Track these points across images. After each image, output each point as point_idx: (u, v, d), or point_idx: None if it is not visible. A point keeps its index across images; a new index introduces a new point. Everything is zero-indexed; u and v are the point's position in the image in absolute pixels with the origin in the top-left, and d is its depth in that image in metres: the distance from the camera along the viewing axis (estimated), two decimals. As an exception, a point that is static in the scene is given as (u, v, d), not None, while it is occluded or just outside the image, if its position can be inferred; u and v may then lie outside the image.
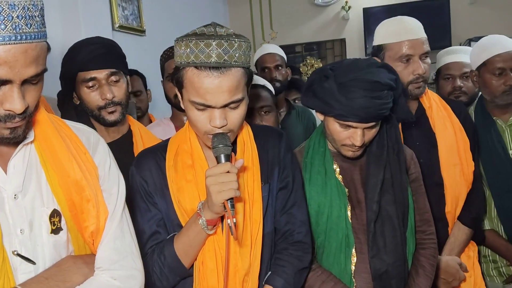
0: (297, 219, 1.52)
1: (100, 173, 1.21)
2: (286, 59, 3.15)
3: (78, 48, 1.83)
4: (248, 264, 1.40)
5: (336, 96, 1.52)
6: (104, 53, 1.82)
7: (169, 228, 1.45)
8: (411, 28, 1.93)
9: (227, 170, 1.28)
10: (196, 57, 1.27)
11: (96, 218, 1.17)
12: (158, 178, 1.45)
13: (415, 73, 1.91)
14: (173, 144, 1.50)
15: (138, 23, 3.73)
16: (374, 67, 1.55)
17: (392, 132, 1.68)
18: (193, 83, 1.30)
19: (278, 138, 1.54)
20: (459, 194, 2.02)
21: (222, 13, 6.16)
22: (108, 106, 1.80)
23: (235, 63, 1.29)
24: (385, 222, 1.63)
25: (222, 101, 1.30)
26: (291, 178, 1.52)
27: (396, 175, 1.66)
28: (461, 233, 2.04)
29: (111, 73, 1.81)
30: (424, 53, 1.93)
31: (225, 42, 1.27)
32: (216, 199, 1.26)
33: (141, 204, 1.46)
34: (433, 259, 1.73)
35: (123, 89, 1.85)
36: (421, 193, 1.78)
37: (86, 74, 1.78)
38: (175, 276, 1.42)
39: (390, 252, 1.61)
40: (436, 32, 5.52)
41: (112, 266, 1.18)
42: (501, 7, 5.46)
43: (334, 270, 1.64)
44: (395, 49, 1.93)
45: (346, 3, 6.05)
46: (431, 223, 1.78)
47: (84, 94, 1.81)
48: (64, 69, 1.86)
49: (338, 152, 1.67)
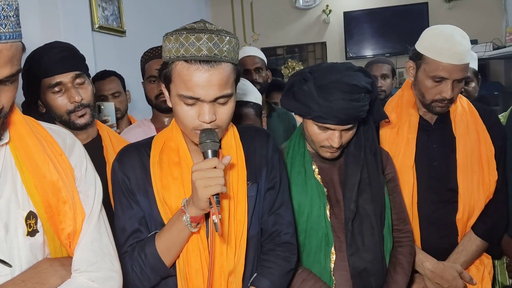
0: (285, 219, 1.52)
1: (76, 174, 1.20)
2: (266, 62, 3.16)
3: (39, 55, 1.79)
4: (233, 265, 1.40)
5: (314, 99, 1.54)
6: (66, 56, 1.78)
7: (151, 227, 1.43)
8: (457, 53, 1.80)
9: (214, 165, 1.26)
10: (186, 51, 1.26)
11: (73, 220, 1.17)
12: (141, 175, 1.43)
13: (442, 95, 1.85)
14: (159, 141, 1.48)
15: (119, 23, 3.70)
16: (352, 70, 1.59)
17: (369, 133, 1.71)
18: (183, 76, 1.28)
19: (266, 138, 1.54)
20: (475, 202, 1.93)
21: (204, 15, 6.15)
22: (77, 109, 1.78)
23: (225, 58, 1.29)
24: (363, 220, 1.66)
25: (212, 95, 1.28)
26: (278, 178, 1.52)
27: (373, 175, 1.69)
28: (471, 243, 1.94)
29: (76, 76, 1.78)
30: (460, 78, 1.86)
31: (215, 37, 1.27)
32: (202, 194, 1.24)
33: (123, 201, 1.43)
34: (410, 257, 1.77)
35: (89, 91, 1.83)
36: (398, 193, 1.82)
37: (51, 80, 1.75)
38: (155, 275, 1.40)
39: (368, 250, 1.64)
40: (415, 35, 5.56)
41: (90, 268, 1.17)
42: (478, 12, 5.56)
43: (315, 269, 1.66)
44: (432, 66, 1.84)
45: (327, 7, 6.10)
46: (408, 221, 1.82)
47: (51, 100, 1.77)
48: (27, 78, 1.81)
49: (317, 153, 1.70)
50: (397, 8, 5.88)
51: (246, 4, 6.36)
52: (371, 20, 5.95)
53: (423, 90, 1.90)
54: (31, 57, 1.79)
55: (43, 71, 1.75)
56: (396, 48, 5.68)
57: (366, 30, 5.96)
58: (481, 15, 5.47)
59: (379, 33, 5.92)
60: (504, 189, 1.99)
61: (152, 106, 2.46)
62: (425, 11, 5.75)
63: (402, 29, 5.72)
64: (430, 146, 1.96)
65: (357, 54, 6.00)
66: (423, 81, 1.88)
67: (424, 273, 1.91)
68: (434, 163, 1.94)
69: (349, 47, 6.02)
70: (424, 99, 1.91)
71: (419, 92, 1.93)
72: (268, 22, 6.30)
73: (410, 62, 1.96)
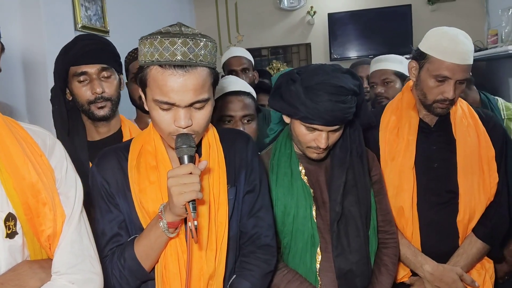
0: (265, 222, 1.52)
1: (56, 176, 1.19)
2: (253, 63, 3.16)
3: (72, 44, 1.86)
4: (213, 268, 1.39)
5: (302, 100, 1.55)
6: (96, 49, 1.85)
7: (131, 231, 1.43)
8: (461, 52, 1.81)
9: (190, 171, 1.25)
10: (161, 56, 1.25)
11: (53, 222, 1.15)
12: (120, 178, 1.42)
13: (444, 95, 1.85)
14: (136, 145, 1.47)
15: (102, 23, 3.67)
16: (339, 72, 1.59)
17: (355, 135, 1.72)
18: (157, 81, 1.27)
19: (245, 141, 1.54)
20: (476, 205, 1.92)
21: (188, 15, 6.13)
22: (97, 100, 1.83)
23: (201, 62, 1.27)
24: (348, 222, 1.66)
25: (187, 100, 1.27)
26: (258, 181, 1.52)
27: (359, 177, 1.70)
28: (472, 246, 1.92)
29: (102, 69, 1.84)
30: (462, 79, 1.86)
31: (190, 41, 1.25)
32: (178, 201, 1.23)
33: (102, 205, 1.42)
34: (394, 258, 1.78)
35: (114, 86, 1.88)
36: (383, 194, 1.82)
37: (77, 69, 1.82)
38: (135, 280, 1.39)
39: (354, 251, 1.65)
40: (399, 37, 5.66)
41: (70, 270, 1.16)
42: (460, 15, 5.63)
43: (300, 270, 1.66)
44: (435, 65, 1.84)
45: (312, 8, 6.12)
46: (393, 223, 1.83)
47: (75, 88, 1.84)
48: (57, 64, 1.88)
49: (304, 154, 1.70)
50: (381, 10, 5.93)
51: (231, 5, 6.35)
52: (355, 21, 5.99)
53: (425, 90, 1.90)
54: (66, 45, 1.88)
55: (72, 59, 1.83)
56: (380, 49, 5.70)
57: (350, 32, 6.00)
58: (464, 18, 5.54)
59: (363, 34, 5.97)
60: (505, 192, 1.98)
61: (136, 107, 2.45)
62: (408, 13, 5.81)
63: (386, 31, 5.77)
64: (430, 148, 1.95)
65: (341, 55, 6.04)
66: (425, 81, 1.88)
67: (423, 275, 1.90)
68: (434, 165, 1.94)
69: (333, 49, 6.05)
70: (425, 99, 1.91)
71: (421, 92, 1.92)
72: (253, 23, 6.31)
73: (413, 62, 1.96)
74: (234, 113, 1.87)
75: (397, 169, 1.91)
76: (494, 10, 5.05)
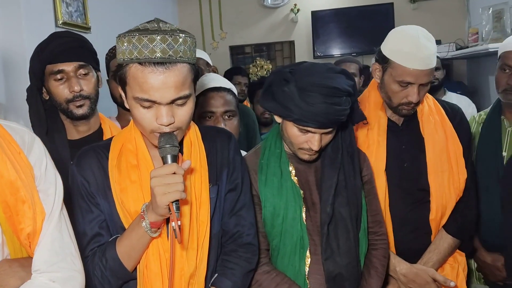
0: (246, 221, 1.51)
1: (36, 173, 1.17)
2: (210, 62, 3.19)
3: (48, 41, 1.82)
4: (194, 267, 1.38)
5: (295, 101, 1.51)
6: (73, 47, 1.82)
7: (112, 230, 1.41)
8: (423, 58, 1.79)
9: (173, 171, 1.24)
10: (140, 53, 1.23)
11: (33, 220, 1.14)
12: (100, 178, 1.40)
13: (408, 99, 1.84)
14: (117, 143, 1.44)
15: (83, 20, 3.63)
16: (333, 72, 1.55)
17: (347, 135, 1.69)
18: (137, 79, 1.24)
19: (227, 139, 1.53)
20: (447, 202, 1.93)
21: (171, 12, 6.10)
22: (76, 99, 1.80)
23: (181, 59, 1.25)
24: (338, 224, 1.64)
25: (168, 97, 1.25)
26: (240, 179, 1.51)
27: (349, 178, 1.67)
28: (443, 241, 1.95)
29: (79, 66, 1.81)
30: (426, 83, 1.85)
31: (169, 37, 1.24)
32: (161, 201, 1.22)
33: (83, 205, 1.40)
34: (384, 260, 1.76)
35: (92, 83, 1.85)
36: (374, 195, 1.80)
37: (54, 67, 1.79)
38: (117, 280, 1.38)
39: (343, 254, 1.62)
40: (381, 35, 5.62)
41: (51, 268, 1.15)
42: (442, 13, 5.69)
43: (289, 272, 1.64)
44: (398, 71, 1.82)
45: (295, 6, 6.13)
46: (383, 224, 1.81)
47: (53, 87, 1.81)
48: (33, 62, 1.84)
49: (294, 154, 1.67)
50: (363, 8, 5.96)
51: (214, 2, 6.32)
52: (338, 19, 6.02)
53: (389, 93, 1.89)
54: (41, 43, 1.83)
55: (48, 57, 1.79)
56: (363, 48, 5.76)
57: (333, 30, 6.03)
58: (445, 16, 5.61)
59: (346, 32, 6.00)
60: (473, 186, 2.01)
61: (117, 104, 2.43)
62: (390, 11, 5.86)
63: (368, 29, 5.80)
64: (399, 147, 1.95)
65: (324, 53, 6.06)
66: (389, 85, 1.87)
67: (397, 277, 1.91)
68: (404, 164, 1.94)
69: (316, 46, 6.07)
70: (390, 102, 1.90)
71: (386, 95, 1.91)
72: (236, 21, 6.30)
73: (376, 64, 1.94)
74: (215, 109, 1.85)
75: None
76: (475, 8, 5.12)
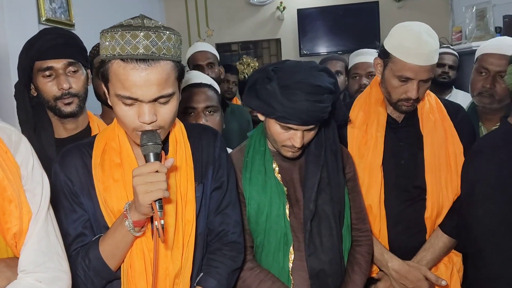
0: (231, 219, 1.50)
1: (22, 172, 1.16)
2: (219, 58, 3.15)
3: (37, 37, 1.80)
4: (179, 267, 1.37)
5: (278, 99, 1.52)
6: (62, 43, 1.80)
7: (96, 230, 1.40)
8: (424, 54, 1.77)
9: (156, 169, 1.22)
10: (122, 49, 1.21)
11: (19, 219, 1.12)
12: (84, 177, 1.39)
13: (407, 95, 1.83)
14: (100, 141, 1.43)
15: (67, 16, 3.58)
16: (316, 70, 1.57)
17: (330, 132, 1.70)
18: (119, 75, 1.23)
19: (213, 137, 1.52)
20: (443, 201, 1.91)
21: (158, 9, 6.06)
22: (64, 96, 1.78)
23: (164, 56, 1.23)
24: (321, 220, 1.65)
25: (150, 95, 1.23)
26: (226, 178, 1.50)
27: (333, 175, 1.68)
28: (438, 240, 1.93)
29: (68, 63, 1.79)
30: (426, 79, 1.83)
31: (152, 34, 1.22)
32: (144, 200, 1.20)
33: (66, 204, 1.38)
34: (368, 256, 1.78)
35: (81, 81, 1.84)
36: (357, 192, 1.82)
37: (43, 63, 1.76)
38: (100, 280, 1.36)
39: (326, 251, 1.64)
40: (366, 33, 5.74)
41: (37, 268, 1.14)
42: (426, 12, 5.75)
43: (273, 269, 1.65)
44: (398, 66, 1.81)
45: (281, 4, 6.14)
46: (367, 220, 1.83)
47: (41, 84, 1.79)
48: (21, 59, 1.82)
49: (278, 152, 1.68)
50: (349, 7, 6.01)
51: (200, 0, 6.31)
52: (324, 17, 6.05)
53: (389, 88, 1.88)
54: (30, 39, 1.81)
55: (37, 53, 1.77)
56: (349, 45, 5.79)
57: (319, 28, 6.06)
58: (429, 15, 5.66)
59: (332, 30, 6.03)
60: None
61: (102, 102, 2.42)
62: (376, 10, 5.91)
63: (354, 27, 5.85)
64: (397, 144, 1.94)
65: (310, 51, 6.08)
66: (389, 80, 1.87)
67: (389, 273, 1.90)
68: (401, 161, 1.93)
69: (303, 44, 6.09)
70: (390, 97, 1.90)
71: (386, 90, 1.91)
72: (223, 18, 6.29)
73: (378, 59, 1.93)
74: (196, 105, 1.85)
75: (367, 167, 1.90)
76: (458, 7, 5.19)
